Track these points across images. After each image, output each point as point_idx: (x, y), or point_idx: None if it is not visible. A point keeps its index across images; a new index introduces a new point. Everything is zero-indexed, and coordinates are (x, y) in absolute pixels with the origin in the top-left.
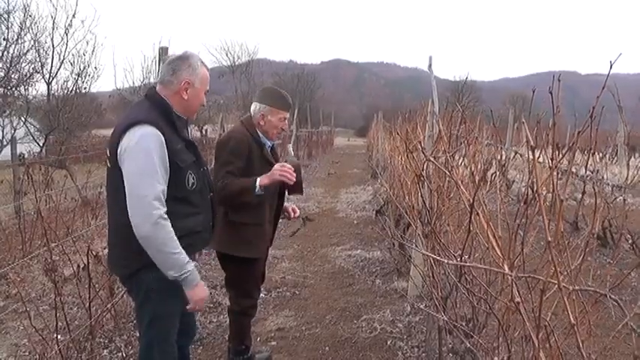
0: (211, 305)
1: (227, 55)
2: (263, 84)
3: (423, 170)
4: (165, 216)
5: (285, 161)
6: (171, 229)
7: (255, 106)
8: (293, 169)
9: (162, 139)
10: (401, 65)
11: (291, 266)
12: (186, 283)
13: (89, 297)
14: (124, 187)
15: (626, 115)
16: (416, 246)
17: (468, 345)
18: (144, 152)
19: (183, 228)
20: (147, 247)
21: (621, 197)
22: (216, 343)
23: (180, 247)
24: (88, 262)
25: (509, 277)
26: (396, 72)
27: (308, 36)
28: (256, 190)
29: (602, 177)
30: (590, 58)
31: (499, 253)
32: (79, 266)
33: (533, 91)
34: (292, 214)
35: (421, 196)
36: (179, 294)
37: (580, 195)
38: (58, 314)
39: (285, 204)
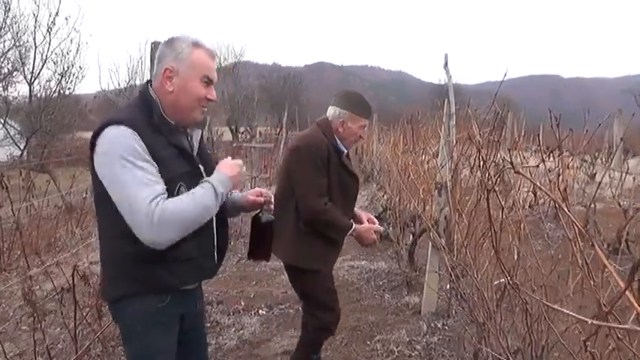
0: (208, 325)
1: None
2: (249, 86)
3: (441, 178)
4: (161, 206)
5: (259, 217)
6: (175, 203)
7: (334, 111)
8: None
9: (137, 137)
10: (385, 68)
11: None
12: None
13: (75, 323)
14: (105, 196)
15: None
16: (430, 258)
17: None
18: (116, 158)
19: (171, 255)
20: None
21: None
22: None
23: (193, 197)
24: (74, 284)
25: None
26: (380, 75)
27: (292, 39)
28: (348, 234)
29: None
30: (573, 61)
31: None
32: (62, 289)
33: None
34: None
35: (440, 204)
36: (171, 329)
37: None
38: (37, 342)
39: (359, 212)
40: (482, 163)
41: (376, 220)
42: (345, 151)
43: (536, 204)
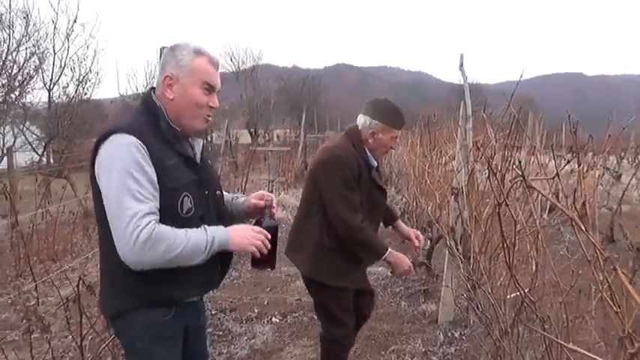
0: (220, 333)
1: (231, 60)
2: (268, 89)
3: (456, 183)
4: (152, 225)
5: (259, 221)
6: (165, 233)
7: (364, 121)
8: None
9: (143, 147)
10: (404, 69)
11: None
12: (222, 246)
13: (80, 334)
14: (103, 205)
15: (633, 119)
16: (447, 266)
17: None
18: (116, 167)
19: (171, 270)
20: (151, 267)
21: None
22: None
23: (187, 236)
24: (79, 295)
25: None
26: (399, 75)
27: (311, 41)
28: (382, 257)
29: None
30: (597, 59)
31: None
32: (67, 299)
33: None
34: (415, 242)
35: (456, 211)
36: (175, 343)
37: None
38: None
39: (403, 226)
40: (493, 173)
41: (421, 237)
42: (375, 165)
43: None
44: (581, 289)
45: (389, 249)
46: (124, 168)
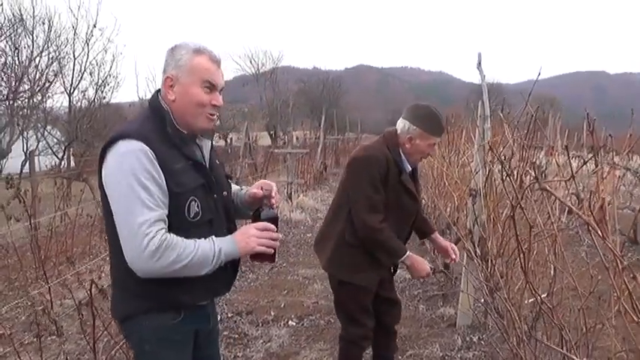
0: (236, 336)
1: (251, 62)
2: (288, 91)
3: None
4: (162, 235)
5: (257, 213)
6: (176, 243)
7: (403, 125)
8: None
9: (151, 153)
10: (425, 69)
11: (324, 288)
12: (229, 256)
13: (93, 337)
14: (112, 214)
15: None
16: (465, 268)
17: None
18: (124, 175)
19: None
20: (158, 276)
21: None
22: None
23: (195, 247)
24: (92, 298)
25: None
26: (420, 76)
27: (331, 42)
28: (399, 260)
29: None
30: (619, 57)
31: None
32: (80, 302)
33: None
34: (452, 255)
35: (474, 213)
36: (185, 347)
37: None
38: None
39: (440, 239)
40: (507, 176)
41: (457, 250)
42: (409, 170)
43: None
44: (601, 294)
45: (407, 252)
46: (132, 175)
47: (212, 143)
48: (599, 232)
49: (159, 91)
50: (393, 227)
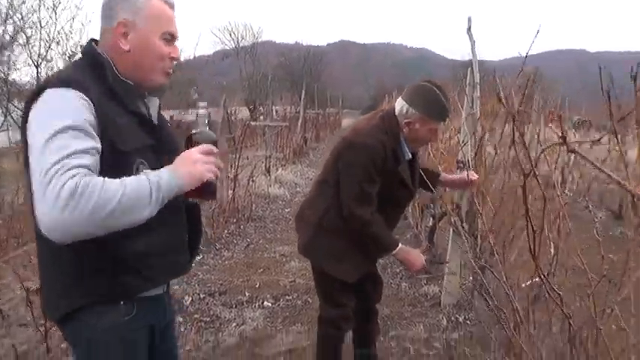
0: (208, 319)
1: (231, 35)
2: (268, 64)
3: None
4: (77, 177)
5: (192, 137)
6: (94, 183)
7: (402, 107)
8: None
9: (86, 101)
10: (408, 46)
11: (301, 266)
12: (172, 188)
13: (45, 323)
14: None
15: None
16: (451, 245)
17: None
18: (51, 125)
19: (131, 250)
20: (82, 236)
21: None
22: None
23: (122, 184)
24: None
25: None
26: (403, 52)
27: (313, 18)
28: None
29: None
30: (599, 35)
31: None
32: (28, 289)
33: None
34: (472, 177)
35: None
36: (140, 347)
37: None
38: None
39: (448, 177)
40: (518, 136)
41: (475, 176)
42: (409, 157)
43: (564, 184)
44: (610, 278)
45: (400, 245)
46: (59, 124)
47: (160, 103)
48: None
49: (94, 40)
50: (385, 218)
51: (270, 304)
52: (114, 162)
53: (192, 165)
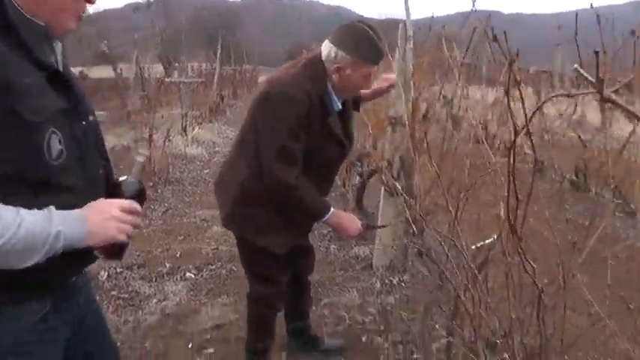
0: (126, 296)
1: None
2: (182, 19)
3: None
4: None
5: (119, 184)
6: None
7: (330, 51)
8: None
9: None
10: (324, 3)
11: (224, 232)
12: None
13: None
14: None
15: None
16: (383, 204)
17: None
18: None
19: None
20: None
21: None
22: (135, 352)
23: (17, 219)
24: None
25: None
26: (319, 10)
27: None
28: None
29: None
30: None
31: None
32: None
33: None
34: (390, 80)
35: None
36: (57, 349)
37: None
38: None
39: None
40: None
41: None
42: (339, 108)
43: (486, 139)
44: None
45: (332, 209)
46: None
47: (63, 45)
48: None
49: None
50: (314, 180)
51: (192, 275)
52: (17, 137)
53: (107, 221)
